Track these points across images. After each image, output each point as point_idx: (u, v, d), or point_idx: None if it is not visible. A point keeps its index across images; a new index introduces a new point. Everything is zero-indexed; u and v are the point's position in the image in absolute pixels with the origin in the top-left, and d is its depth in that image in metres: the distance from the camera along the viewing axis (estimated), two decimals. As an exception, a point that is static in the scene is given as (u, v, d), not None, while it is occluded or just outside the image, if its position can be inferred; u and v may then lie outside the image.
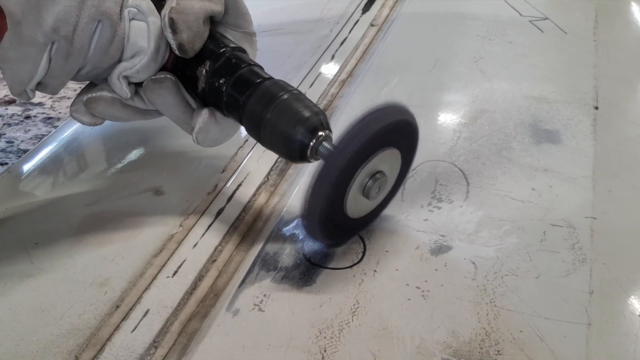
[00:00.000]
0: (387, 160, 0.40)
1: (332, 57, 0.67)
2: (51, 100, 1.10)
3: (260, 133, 0.40)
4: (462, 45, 0.69)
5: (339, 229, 0.42)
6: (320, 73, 0.64)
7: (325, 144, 0.38)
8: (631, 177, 0.49)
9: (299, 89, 0.40)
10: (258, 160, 0.52)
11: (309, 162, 0.39)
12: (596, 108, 0.57)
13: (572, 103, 0.58)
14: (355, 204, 0.40)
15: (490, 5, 0.77)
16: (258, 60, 0.44)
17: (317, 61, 0.66)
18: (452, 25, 0.73)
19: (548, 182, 0.48)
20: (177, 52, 0.40)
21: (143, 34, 0.40)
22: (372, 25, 0.73)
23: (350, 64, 0.65)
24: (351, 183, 0.38)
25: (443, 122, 0.56)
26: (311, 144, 0.38)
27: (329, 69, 0.65)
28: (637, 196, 0.47)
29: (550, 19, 0.73)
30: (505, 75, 0.63)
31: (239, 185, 0.50)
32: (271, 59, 0.67)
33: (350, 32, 0.72)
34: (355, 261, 0.42)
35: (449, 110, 0.58)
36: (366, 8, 0.77)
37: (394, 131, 0.39)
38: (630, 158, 0.51)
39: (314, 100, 0.59)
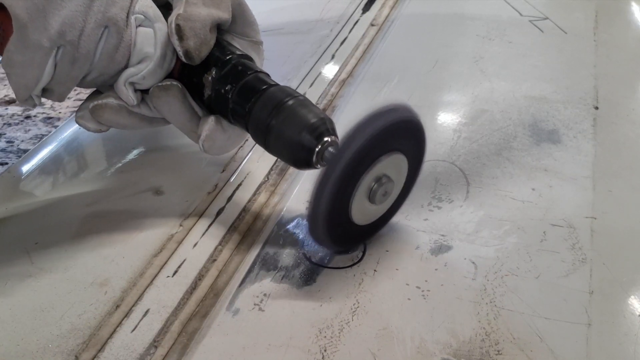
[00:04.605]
0: (393, 165, 0.39)
1: (332, 57, 0.67)
2: (51, 100, 1.10)
3: (266, 140, 0.39)
4: (462, 45, 0.69)
5: (344, 235, 0.41)
6: (320, 73, 0.64)
7: (331, 149, 0.38)
8: (631, 177, 0.49)
9: (299, 89, 0.40)
10: (258, 160, 0.52)
11: (315, 168, 0.38)
12: (596, 108, 0.57)
13: (572, 103, 0.58)
14: (361, 210, 0.40)
15: (490, 5, 0.77)
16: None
17: (317, 61, 0.66)
18: (452, 25, 0.73)
19: (548, 182, 0.48)
20: (183, 59, 0.40)
21: (149, 40, 0.40)
22: (372, 25, 0.73)
23: (350, 64, 0.65)
24: (356, 187, 0.38)
25: (443, 122, 0.56)
26: (317, 149, 0.37)
27: (329, 69, 0.65)
28: (637, 196, 0.47)
29: (550, 19, 0.73)
30: (505, 75, 0.63)
31: (239, 184, 0.50)
32: (271, 59, 0.67)
33: (350, 32, 0.72)
34: (355, 261, 0.42)
35: (449, 110, 0.58)
36: (366, 8, 0.77)
37: (400, 134, 0.38)
38: (630, 158, 0.51)
39: (314, 101, 0.59)
